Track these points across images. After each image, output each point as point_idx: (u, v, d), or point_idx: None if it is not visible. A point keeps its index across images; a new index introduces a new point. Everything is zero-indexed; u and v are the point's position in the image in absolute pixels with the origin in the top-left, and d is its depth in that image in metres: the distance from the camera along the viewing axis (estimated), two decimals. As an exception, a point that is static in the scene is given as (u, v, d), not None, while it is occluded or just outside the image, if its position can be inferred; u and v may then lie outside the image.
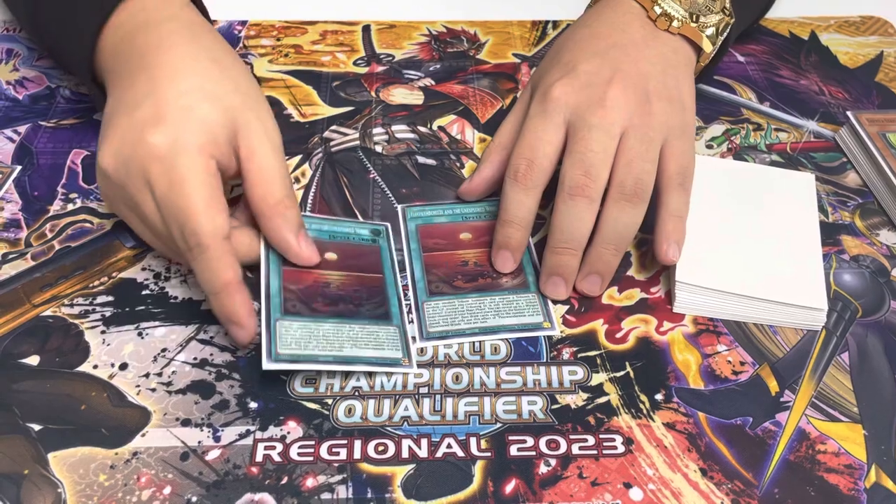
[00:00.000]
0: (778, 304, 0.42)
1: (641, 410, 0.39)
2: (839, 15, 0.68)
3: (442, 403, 0.39)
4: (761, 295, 0.42)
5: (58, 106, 0.56)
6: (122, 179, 0.40)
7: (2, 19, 0.64)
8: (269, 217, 0.40)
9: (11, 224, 0.48)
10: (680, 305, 0.44)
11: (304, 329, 0.40)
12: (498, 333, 0.42)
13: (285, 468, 0.37)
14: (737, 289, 0.43)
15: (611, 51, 0.45)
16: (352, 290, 0.43)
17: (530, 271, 0.45)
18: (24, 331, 0.42)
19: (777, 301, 0.42)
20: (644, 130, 0.43)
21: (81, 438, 0.38)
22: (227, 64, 0.43)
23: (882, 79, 0.61)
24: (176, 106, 0.40)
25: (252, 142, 0.40)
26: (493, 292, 0.44)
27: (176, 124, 0.39)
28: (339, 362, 0.39)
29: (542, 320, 0.43)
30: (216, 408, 0.39)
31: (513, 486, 0.36)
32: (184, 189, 0.38)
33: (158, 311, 0.43)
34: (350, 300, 0.42)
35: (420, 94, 0.59)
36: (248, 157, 0.40)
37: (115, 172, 0.40)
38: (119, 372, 0.40)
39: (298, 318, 0.40)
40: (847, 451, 0.38)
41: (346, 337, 0.40)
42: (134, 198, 0.40)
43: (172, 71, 0.41)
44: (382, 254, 0.46)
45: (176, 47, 0.42)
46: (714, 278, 0.43)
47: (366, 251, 0.45)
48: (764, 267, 0.44)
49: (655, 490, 0.36)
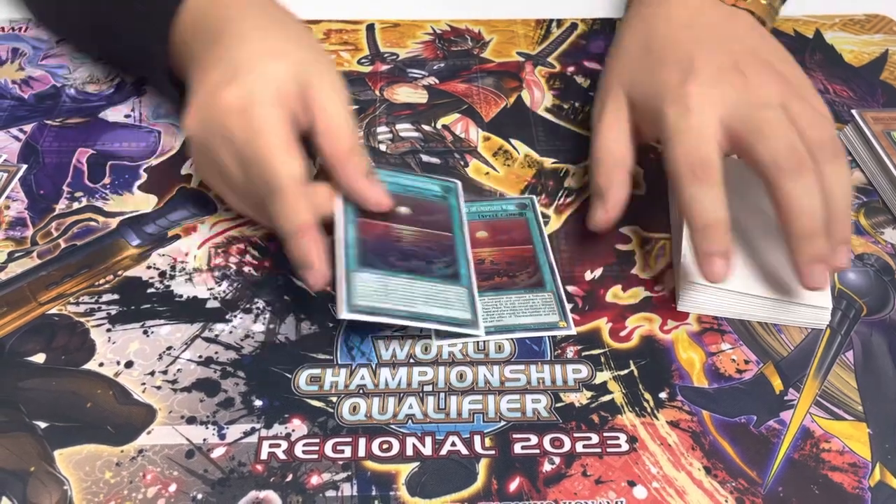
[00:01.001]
0: (782, 302, 0.42)
1: (645, 409, 0.39)
2: (844, 13, 0.68)
3: (446, 401, 0.39)
4: (766, 294, 0.42)
5: (63, 105, 0.56)
6: (205, 139, 0.42)
7: (7, 19, 0.65)
8: (342, 164, 0.42)
9: (17, 223, 0.48)
10: (685, 304, 0.44)
11: (379, 282, 0.41)
12: (513, 333, 0.42)
13: (290, 466, 0.37)
14: (741, 287, 0.43)
15: (707, 36, 0.45)
16: (424, 247, 0.43)
17: (546, 269, 0.45)
18: (30, 329, 0.42)
19: (781, 300, 0.42)
20: (793, 94, 0.42)
21: (87, 436, 0.38)
22: (292, 26, 0.47)
23: (887, 77, 0.61)
24: (248, 65, 0.42)
25: (321, 95, 0.42)
26: (509, 290, 0.44)
27: (249, 80, 0.41)
28: (413, 318, 0.40)
29: (559, 319, 0.43)
30: (221, 405, 0.39)
31: (517, 484, 0.36)
32: (261, 136, 0.40)
33: (164, 310, 0.43)
34: (422, 256, 0.43)
35: (424, 93, 0.59)
36: (318, 109, 0.42)
37: (198, 134, 0.43)
38: (125, 370, 0.41)
39: (373, 270, 0.41)
40: (851, 450, 0.38)
41: (420, 293, 0.41)
42: (216, 155, 0.42)
43: (241, 36, 0.44)
44: (452, 213, 0.46)
45: (245, 18, 0.45)
46: None
47: (437, 208, 0.46)
48: (769, 266, 0.44)
49: (659, 488, 0.36)
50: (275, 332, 0.42)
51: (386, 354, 0.41)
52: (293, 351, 0.42)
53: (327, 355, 0.41)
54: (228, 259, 0.46)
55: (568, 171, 0.52)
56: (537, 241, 0.47)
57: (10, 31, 0.63)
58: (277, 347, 0.42)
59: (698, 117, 0.41)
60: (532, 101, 0.58)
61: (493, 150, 0.54)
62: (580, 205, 0.50)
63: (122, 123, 0.55)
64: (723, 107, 0.41)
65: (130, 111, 0.56)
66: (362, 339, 0.42)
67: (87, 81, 0.58)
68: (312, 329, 0.43)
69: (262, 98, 0.41)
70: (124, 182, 0.51)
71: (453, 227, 0.45)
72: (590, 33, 0.65)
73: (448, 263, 0.43)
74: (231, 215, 0.49)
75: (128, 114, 0.56)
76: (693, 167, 0.40)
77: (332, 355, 0.41)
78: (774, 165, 0.39)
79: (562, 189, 0.51)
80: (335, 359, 0.41)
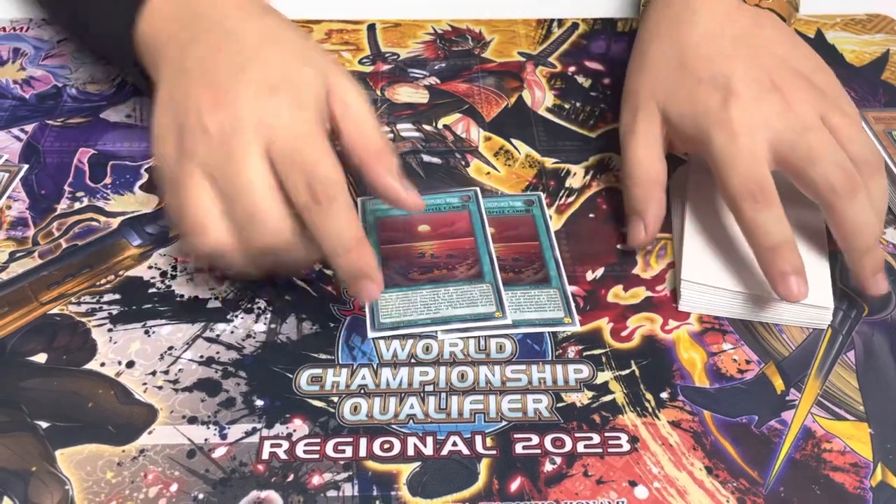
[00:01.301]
0: (783, 302, 0.42)
1: (647, 409, 0.39)
2: (845, 13, 0.68)
3: (447, 401, 0.39)
4: (766, 293, 0.42)
5: (64, 105, 0.57)
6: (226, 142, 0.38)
7: (8, 19, 0.65)
8: (373, 165, 0.40)
9: (19, 222, 0.48)
10: (685, 304, 0.44)
11: (402, 298, 0.43)
12: (518, 328, 0.42)
13: (291, 466, 0.37)
14: (742, 287, 0.43)
15: (739, 49, 0.45)
16: (445, 257, 0.45)
17: (552, 266, 0.45)
18: (31, 329, 0.42)
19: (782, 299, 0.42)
20: (830, 106, 0.43)
21: (89, 436, 0.38)
22: (301, 32, 0.45)
23: (888, 77, 0.61)
24: (284, 70, 0.40)
25: (346, 98, 0.41)
26: (514, 286, 0.44)
27: (290, 86, 0.40)
28: (437, 323, 0.42)
29: (563, 315, 0.43)
30: (223, 405, 0.39)
31: (518, 484, 0.36)
32: (314, 140, 0.38)
33: (165, 310, 0.43)
34: (444, 265, 0.44)
35: (425, 93, 0.59)
36: (343, 112, 0.41)
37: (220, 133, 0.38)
38: (126, 370, 0.41)
39: (397, 289, 0.43)
40: (853, 450, 0.38)
41: (442, 300, 0.43)
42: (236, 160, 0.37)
43: (264, 38, 0.42)
44: (472, 217, 0.47)
45: (256, 17, 0.43)
46: (719, 276, 0.43)
47: (456, 217, 0.47)
48: None
49: (661, 488, 0.36)
50: (276, 332, 0.42)
51: (387, 354, 0.41)
52: (294, 351, 0.42)
53: (328, 355, 0.41)
54: (230, 259, 0.46)
55: (569, 170, 0.52)
56: (543, 237, 0.47)
57: (12, 31, 0.63)
58: (279, 347, 0.42)
59: (747, 141, 0.41)
60: (533, 101, 0.58)
61: (495, 150, 0.54)
62: (581, 205, 0.50)
63: (123, 123, 0.55)
64: (768, 129, 0.42)
65: (132, 111, 0.56)
66: (363, 339, 0.42)
67: (89, 81, 0.58)
68: (314, 329, 0.43)
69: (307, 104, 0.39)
70: (125, 182, 0.51)
71: (474, 230, 0.47)
72: (591, 33, 0.65)
73: (471, 265, 0.44)
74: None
75: (129, 114, 0.56)
76: (752, 192, 0.41)
77: (334, 355, 0.41)
78: (830, 190, 0.40)
79: (563, 189, 0.51)
80: (336, 359, 0.41)
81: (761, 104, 0.42)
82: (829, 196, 0.41)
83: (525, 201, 0.49)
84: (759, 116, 0.42)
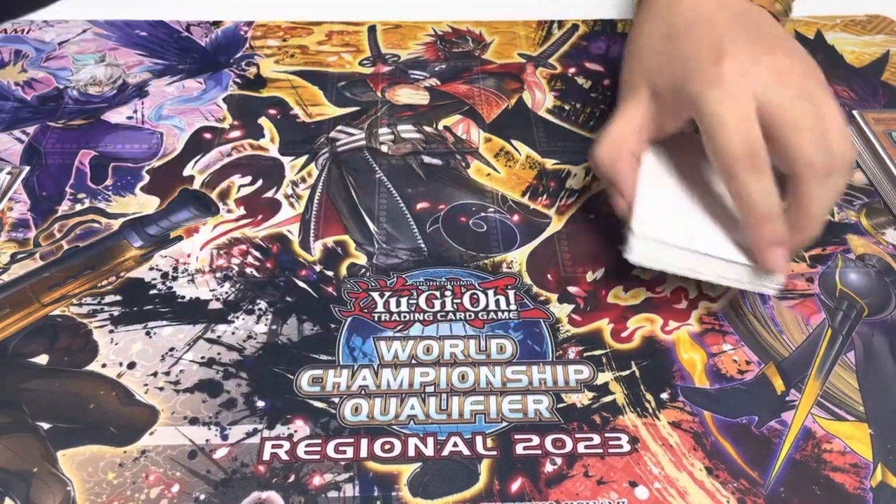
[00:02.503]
0: (732, 263, 0.41)
1: (647, 409, 0.40)
2: (845, 14, 0.68)
3: (448, 402, 0.40)
4: (716, 253, 0.41)
5: (66, 107, 0.57)
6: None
7: (10, 21, 0.65)
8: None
9: (20, 224, 0.48)
10: (632, 254, 0.42)
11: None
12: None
13: (292, 466, 0.37)
14: (689, 244, 0.41)
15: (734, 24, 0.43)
16: None
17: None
18: (32, 330, 0.42)
19: (732, 261, 0.41)
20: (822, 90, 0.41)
21: (90, 437, 0.38)
22: None
23: (888, 78, 0.61)
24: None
25: None
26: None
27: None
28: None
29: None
30: (224, 406, 0.39)
31: (519, 485, 0.36)
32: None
33: (166, 311, 0.43)
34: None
35: (426, 94, 0.59)
36: None
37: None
38: (127, 371, 0.41)
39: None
40: (853, 450, 0.38)
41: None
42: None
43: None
44: None
45: None
46: (669, 231, 0.41)
47: None
48: (723, 226, 0.42)
49: (661, 489, 0.36)
50: (277, 333, 0.43)
51: (388, 355, 0.41)
52: (295, 352, 0.42)
53: (329, 356, 0.41)
54: (230, 260, 0.46)
55: (569, 171, 0.53)
56: None
57: (13, 33, 0.64)
58: (279, 348, 0.42)
59: (740, 99, 0.39)
60: (533, 103, 0.58)
61: (495, 152, 0.54)
62: (582, 206, 0.50)
63: (124, 125, 0.55)
64: (760, 88, 0.40)
65: (133, 113, 0.56)
66: (364, 340, 0.42)
67: (90, 83, 0.59)
68: (314, 330, 0.43)
69: None
70: (127, 183, 0.51)
71: None
72: (591, 34, 0.65)
73: None
74: (233, 216, 0.49)
75: (130, 115, 0.56)
76: (746, 154, 0.39)
77: (334, 356, 0.41)
78: (808, 165, 0.39)
79: (563, 190, 0.51)
80: (337, 360, 0.41)
81: (755, 66, 0.41)
82: (803, 169, 0.39)
83: None
84: (753, 75, 0.40)
